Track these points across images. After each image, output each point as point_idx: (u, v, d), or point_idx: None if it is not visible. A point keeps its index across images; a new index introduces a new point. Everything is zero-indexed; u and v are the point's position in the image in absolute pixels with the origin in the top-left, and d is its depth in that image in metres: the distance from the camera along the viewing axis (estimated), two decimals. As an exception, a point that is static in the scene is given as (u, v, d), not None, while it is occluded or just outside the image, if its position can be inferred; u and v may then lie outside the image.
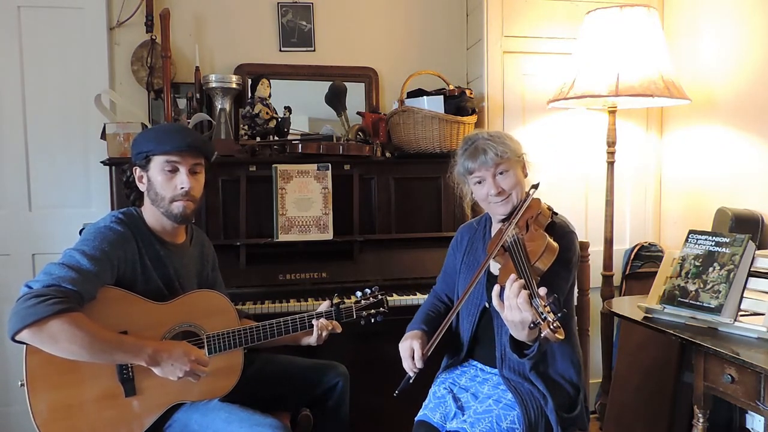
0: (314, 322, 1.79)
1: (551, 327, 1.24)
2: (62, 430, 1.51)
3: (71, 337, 1.41)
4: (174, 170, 1.65)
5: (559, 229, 1.63)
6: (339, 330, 1.82)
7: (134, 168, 1.71)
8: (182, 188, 1.65)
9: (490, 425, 1.53)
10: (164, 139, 1.64)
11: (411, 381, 1.58)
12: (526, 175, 1.72)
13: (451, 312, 1.63)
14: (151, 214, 1.71)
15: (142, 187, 1.70)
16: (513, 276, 1.37)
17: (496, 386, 1.64)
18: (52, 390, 1.51)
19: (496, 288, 1.40)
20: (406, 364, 1.61)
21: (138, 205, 1.75)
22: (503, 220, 1.67)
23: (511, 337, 1.44)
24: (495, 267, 1.65)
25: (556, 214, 1.70)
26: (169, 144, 1.63)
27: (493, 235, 1.74)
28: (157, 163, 1.65)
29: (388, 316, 1.94)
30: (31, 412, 1.49)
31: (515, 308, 1.32)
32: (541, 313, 1.27)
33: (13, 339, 1.42)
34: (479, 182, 1.68)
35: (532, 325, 1.30)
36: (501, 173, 1.65)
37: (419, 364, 1.58)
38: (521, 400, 1.56)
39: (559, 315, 1.26)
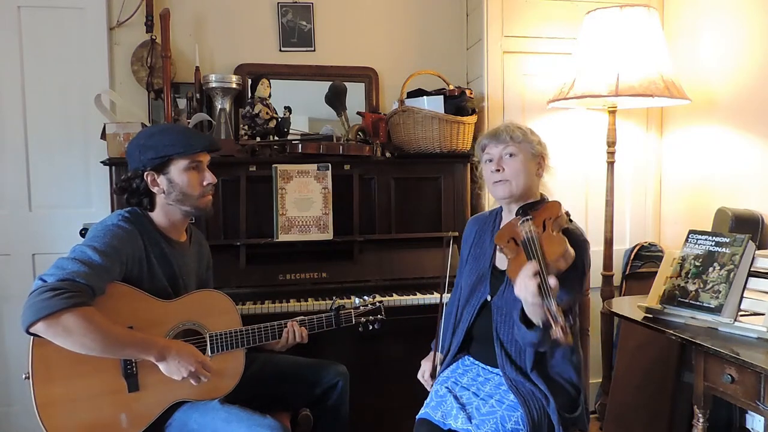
0: (290, 325, 1.83)
1: (563, 330, 1.27)
2: (65, 423, 1.53)
3: (84, 330, 1.43)
4: (197, 168, 1.73)
5: (574, 237, 1.60)
6: (305, 341, 1.85)
7: (145, 174, 1.69)
8: (208, 183, 1.75)
9: (495, 426, 1.53)
10: (187, 140, 1.71)
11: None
12: (540, 176, 1.73)
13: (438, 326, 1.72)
14: (161, 214, 1.73)
15: (156, 190, 1.70)
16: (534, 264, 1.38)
17: (497, 386, 1.64)
18: (56, 383, 1.52)
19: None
20: (421, 380, 1.84)
21: (149, 210, 1.73)
22: (518, 214, 1.65)
23: (522, 312, 1.46)
24: (502, 261, 1.64)
25: (572, 221, 1.67)
26: (198, 145, 1.72)
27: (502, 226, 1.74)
28: (181, 164, 1.70)
29: (388, 317, 1.95)
30: (35, 404, 1.51)
31: (523, 288, 1.37)
32: (554, 314, 1.28)
33: (27, 331, 1.44)
34: (489, 160, 1.71)
35: (542, 325, 1.32)
36: (509, 155, 1.67)
37: (430, 383, 1.79)
38: (524, 401, 1.56)
39: (570, 321, 1.30)
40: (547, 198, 1.73)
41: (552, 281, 1.33)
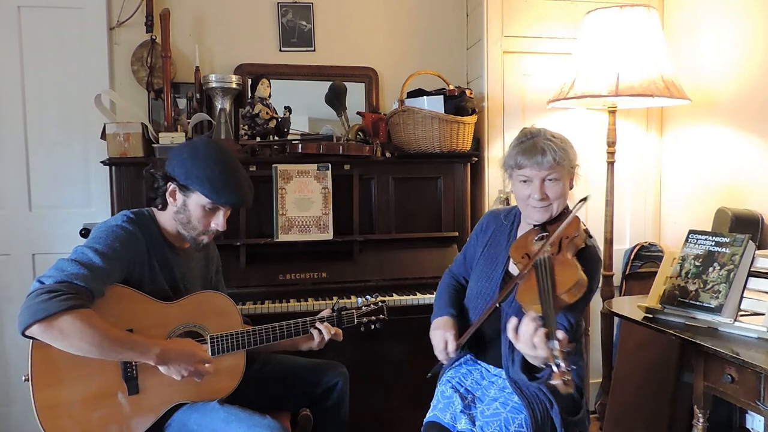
0: (318, 326, 1.81)
1: (564, 379, 1.19)
2: (64, 426, 1.52)
3: (81, 333, 1.42)
4: (213, 211, 1.67)
5: (589, 256, 1.57)
6: (340, 339, 1.85)
7: (169, 183, 1.65)
8: (217, 228, 1.69)
9: (498, 429, 1.52)
10: (220, 188, 1.62)
11: (444, 367, 1.65)
12: (571, 188, 1.65)
13: (485, 313, 1.59)
14: (169, 221, 1.71)
15: (171, 202, 1.67)
16: (532, 313, 1.30)
17: (502, 389, 1.63)
18: (56, 386, 1.51)
19: (513, 321, 1.34)
20: (440, 355, 1.62)
21: (160, 209, 1.71)
22: (536, 226, 1.61)
23: (523, 358, 1.41)
24: (515, 268, 1.63)
25: (591, 237, 1.62)
26: (224, 201, 1.64)
27: (518, 236, 1.69)
28: (202, 200, 1.64)
29: (388, 317, 1.94)
30: (35, 407, 1.50)
31: (530, 345, 1.29)
32: (556, 357, 1.21)
33: (23, 334, 1.42)
34: (524, 181, 1.59)
35: (543, 365, 1.25)
36: (551, 179, 1.57)
37: (453, 355, 1.60)
38: (528, 403, 1.56)
39: (573, 368, 1.21)
40: (569, 209, 1.64)
41: (560, 335, 1.23)
